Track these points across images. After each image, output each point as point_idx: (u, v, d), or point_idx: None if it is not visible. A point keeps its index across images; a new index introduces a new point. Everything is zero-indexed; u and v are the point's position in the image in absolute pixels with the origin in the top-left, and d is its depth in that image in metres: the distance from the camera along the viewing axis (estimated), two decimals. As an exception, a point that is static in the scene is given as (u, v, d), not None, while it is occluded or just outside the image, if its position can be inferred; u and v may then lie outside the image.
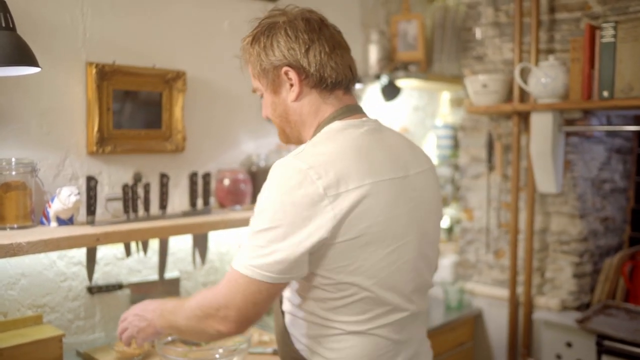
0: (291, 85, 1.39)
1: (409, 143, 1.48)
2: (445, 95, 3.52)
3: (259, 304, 1.27)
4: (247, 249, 1.26)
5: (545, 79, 2.36)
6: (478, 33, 2.77)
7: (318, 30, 1.40)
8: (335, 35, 1.43)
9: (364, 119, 1.41)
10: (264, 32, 1.41)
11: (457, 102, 3.30)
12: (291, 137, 1.48)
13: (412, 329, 1.44)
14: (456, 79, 3.00)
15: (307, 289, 1.35)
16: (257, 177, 2.53)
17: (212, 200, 2.43)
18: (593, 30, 2.25)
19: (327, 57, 1.38)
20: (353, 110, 1.42)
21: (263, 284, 1.25)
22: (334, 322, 1.34)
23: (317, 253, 1.26)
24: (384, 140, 1.39)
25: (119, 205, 2.15)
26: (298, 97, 1.40)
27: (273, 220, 1.22)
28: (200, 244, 2.33)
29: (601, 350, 2.26)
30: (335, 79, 1.39)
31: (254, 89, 1.50)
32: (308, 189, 1.21)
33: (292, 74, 1.38)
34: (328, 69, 1.38)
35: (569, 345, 2.41)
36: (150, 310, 1.52)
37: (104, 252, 2.18)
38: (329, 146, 1.29)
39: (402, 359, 1.42)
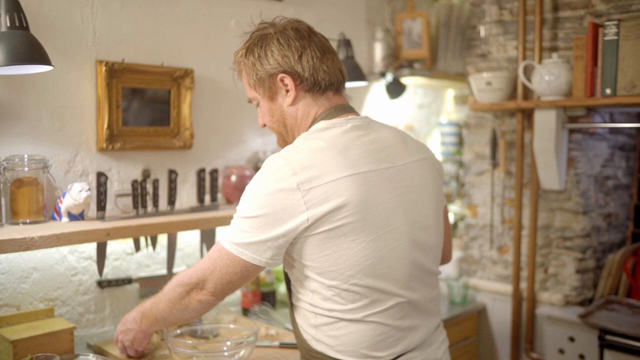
0: (287, 91, 1.50)
1: (401, 136, 1.55)
2: (450, 93, 3.54)
3: (234, 281, 1.45)
4: (232, 229, 1.41)
5: (549, 77, 2.38)
6: (482, 31, 2.80)
7: (308, 38, 1.50)
8: (324, 41, 1.54)
9: (350, 116, 1.50)
10: (257, 43, 1.51)
11: (461, 100, 3.33)
12: (289, 141, 1.56)
13: (418, 317, 1.48)
14: (461, 77, 3.03)
15: (302, 280, 1.44)
16: (263, 173, 2.57)
17: (220, 196, 2.47)
18: (596, 28, 2.27)
19: (319, 62, 1.49)
20: (341, 109, 1.52)
21: (240, 261, 1.40)
22: (331, 312, 1.41)
23: (297, 244, 1.38)
24: (367, 136, 1.47)
25: (128, 201, 2.19)
26: (294, 102, 1.51)
27: (254, 209, 1.36)
28: (208, 240, 2.37)
29: (603, 344, 2.29)
30: (328, 81, 1.51)
31: (249, 99, 1.61)
32: (283, 183, 1.34)
33: (288, 80, 1.49)
34: (321, 73, 1.49)
35: (571, 339, 2.44)
36: (130, 320, 1.73)
37: (113, 247, 2.22)
38: (310, 144, 1.41)
39: (406, 345, 1.47)
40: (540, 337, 2.64)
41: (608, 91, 2.23)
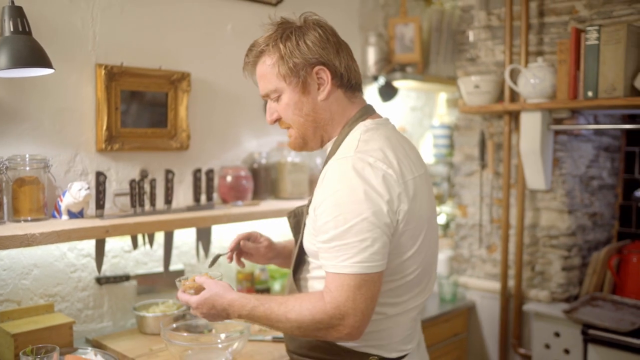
0: (320, 85, 1.47)
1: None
2: (443, 96, 3.62)
3: (374, 297, 1.35)
4: (338, 250, 1.33)
5: (534, 80, 2.46)
6: (471, 36, 2.87)
7: (340, 38, 1.54)
8: (349, 47, 1.56)
9: (383, 118, 1.56)
10: (294, 32, 1.48)
11: (453, 103, 3.41)
12: (312, 138, 1.53)
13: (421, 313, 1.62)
14: (452, 80, 3.11)
15: None
16: (258, 174, 2.64)
17: (215, 195, 2.54)
18: (578, 33, 2.35)
19: (352, 61, 1.52)
20: (371, 110, 1.56)
21: (372, 275, 1.33)
22: (381, 306, 1.44)
23: None
24: (405, 138, 1.55)
25: (126, 200, 2.26)
26: (327, 96, 1.48)
27: (357, 215, 1.31)
28: (204, 238, 2.44)
29: (587, 339, 2.36)
30: (357, 81, 1.53)
31: (266, 93, 1.53)
32: (383, 178, 1.35)
33: (324, 74, 1.47)
34: (352, 71, 1.52)
35: (557, 335, 2.51)
36: (226, 305, 1.46)
37: (111, 244, 2.29)
38: (379, 143, 1.42)
39: (417, 341, 1.59)
40: (527, 333, 2.71)
41: (590, 94, 2.30)
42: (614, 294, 2.66)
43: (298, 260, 1.57)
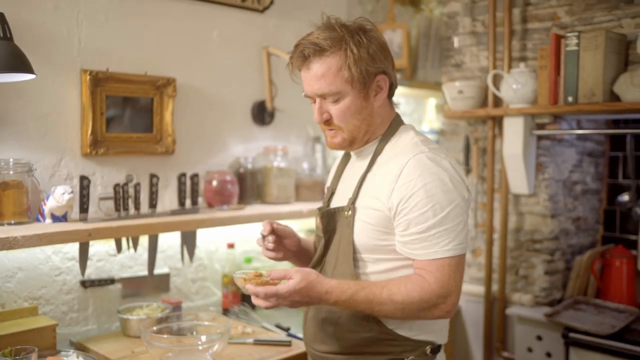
0: (377, 92, 1.56)
1: None
2: (432, 102, 3.65)
3: (463, 275, 1.51)
4: (439, 236, 1.45)
5: (516, 85, 2.49)
6: (456, 42, 2.90)
7: None
8: None
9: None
10: (365, 37, 1.51)
11: (441, 109, 3.42)
12: (360, 140, 1.61)
13: None
14: (440, 86, 3.13)
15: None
16: (244, 178, 2.67)
17: (201, 200, 2.57)
18: (559, 39, 2.38)
19: (394, 72, 1.61)
20: (400, 116, 1.68)
21: (463, 256, 1.49)
22: None
23: None
24: None
25: (111, 204, 2.28)
26: (382, 103, 1.59)
27: (450, 201, 1.46)
28: (189, 242, 2.46)
29: (568, 342, 2.37)
30: (394, 90, 1.64)
31: (323, 94, 1.54)
32: (459, 169, 1.53)
33: (384, 82, 1.56)
34: (395, 81, 1.62)
35: (539, 338, 2.53)
36: (324, 292, 1.46)
37: (97, 248, 2.31)
38: (433, 142, 1.60)
39: None
40: (511, 336, 2.72)
41: (570, 99, 2.33)
42: (597, 298, 2.68)
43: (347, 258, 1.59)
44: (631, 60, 2.35)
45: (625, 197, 2.78)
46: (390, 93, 1.63)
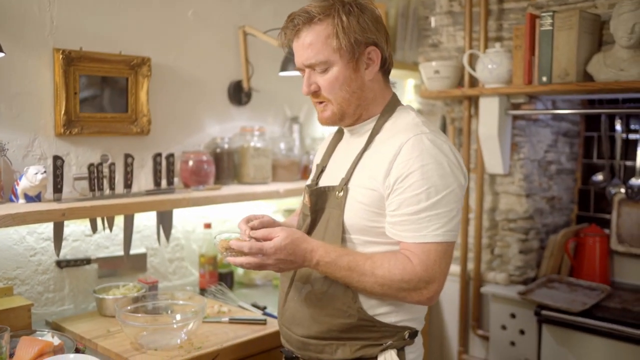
0: (368, 64, 1.51)
1: None
2: (411, 82, 3.65)
3: (450, 264, 1.47)
4: (430, 220, 1.41)
5: (491, 65, 2.50)
6: (433, 22, 2.90)
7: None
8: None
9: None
10: (354, 6, 1.48)
11: (417, 88, 3.43)
12: (351, 115, 1.56)
13: None
14: (417, 67, 3.13)
15: None
16: (221, 158, 2.66)
17: (177, 180, 2.56)
18: (533, 19, 2.39)
19: (390, 47, 1.57)
20: (397, 96, 1.63)
21: (452, 244, 1.45)
22: None
23: None
24: None
25: (85, 185, 2.27)
26: (373, 77, 1.53)
27: (446, 186, 1.42)
28: (165, 222, 2.46)
29: (540, 319, 2.41)
30: (391, 67, 1.59)
31: (312, 64, 1.51)
32: (458, 155, 1.49)
33: (375, 54, 1.51)
34: (391, 57, 1.58)
35: (512, 316, 2.57)
36: (309, 250, 1.45)
37: (72, 228, 2.30)
38: (434, 126, 1.54)
39: None
40: (486, 314, 2.76)
41: (544, 79, 2.34)
42: (570, 276, 2.72)
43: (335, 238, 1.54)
44: (605, 41, 2.37)
45: (599, 177, 2.83)
46: (386, 70, 1.58)
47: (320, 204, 1.60)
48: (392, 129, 1.54)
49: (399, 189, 1.43)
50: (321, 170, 1.71)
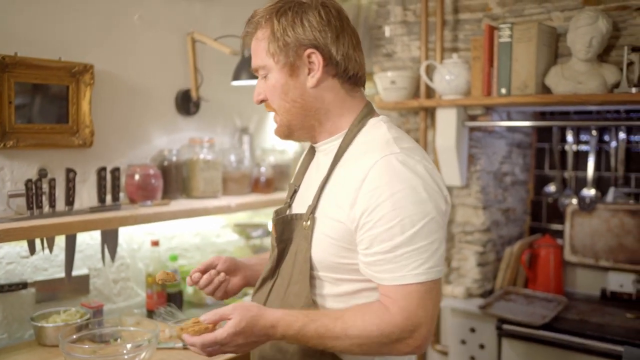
0: (310, 70, 1.35)
1: None
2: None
3: (439, 301, 1.28)
4: (407, 257, 1.22)
5: (449, 76, 2.46)
6: (387, 31, 2.85)
7: (346, 22, 1.38)
8: (356, 34, 1.41)
9: (383, 116, 1.42)
10: (292, 8, 1.34)
11: (371, 99, 3.38)
12: (299, 128, 1.40)
13: None
14: (369, 76, 3.07)
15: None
16: (169, 172, 2.52)
17: (122, 195, 2.40)
18: (492, 30, 2.37)
19: (353, 50, 1.37)
20: (372, 107, 1.43)
21: (437, 281, 1.25)
22: None
23: None
24: None
25: (22, 202, 2.09)
26: (318, 84, 1.35)
27: (423, 215, 1.22)
28: (110, 241, 2.29)
29: (501, 333, 2.39)
30: (357, 73, 1.38)
31: (255, 68, 1.41)
32: (436, 175, 1.29)
33: (316, 58, 1.34)
34: (352, 62, 1.36)
35: (472, 330, 2.53)
36: (269, 326, 1.26)
37: (6, 250, 2.11)
38: (411, 141, 1.34)
39: None
40: (445, 329, 2.72)
41: (503, 91, 2.33)
42: (526, 287, 2.72)
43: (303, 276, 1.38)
44: (560, 53, 2.38)
45: (551, 188, 2.85)
46: (350, 76, 1.37)
47: (287, 234, 1.43)
48: (359, 147, 1.34)
49: (369, 223, 1.24)
50: (294, 191, 1.54)
